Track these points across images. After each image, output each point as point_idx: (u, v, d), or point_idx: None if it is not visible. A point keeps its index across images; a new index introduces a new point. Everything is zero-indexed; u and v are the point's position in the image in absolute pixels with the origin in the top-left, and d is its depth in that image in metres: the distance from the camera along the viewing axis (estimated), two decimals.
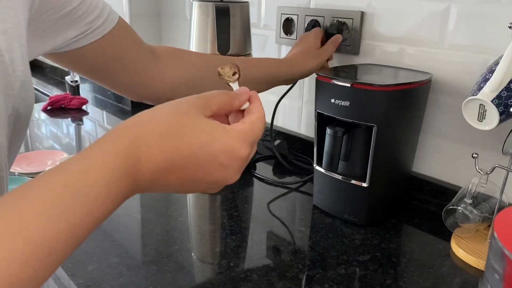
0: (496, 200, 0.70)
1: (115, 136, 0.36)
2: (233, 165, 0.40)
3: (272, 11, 1.11)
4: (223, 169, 0.40)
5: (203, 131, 0.38)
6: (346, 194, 0.80)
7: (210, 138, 0.38)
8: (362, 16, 0.92)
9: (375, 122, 0.72)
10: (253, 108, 0.44)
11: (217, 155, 0.39)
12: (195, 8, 0.97)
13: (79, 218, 0.31)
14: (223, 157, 0.39)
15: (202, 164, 0.38)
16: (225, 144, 0.39)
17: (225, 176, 0.40)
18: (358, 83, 0.72)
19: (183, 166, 0.38)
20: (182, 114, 0.39)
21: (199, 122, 0.39)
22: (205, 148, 0.38)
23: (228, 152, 0.39)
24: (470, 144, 0.80)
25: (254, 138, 0.42)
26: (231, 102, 0.43)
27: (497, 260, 0.27)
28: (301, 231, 0.78)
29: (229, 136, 0.39)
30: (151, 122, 0.37)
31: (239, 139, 0.40)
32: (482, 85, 0.64)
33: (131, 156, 0.35)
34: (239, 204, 0.87)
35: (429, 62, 0.83)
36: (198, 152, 0.38)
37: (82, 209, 0.31)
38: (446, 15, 0.79)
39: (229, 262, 0.68)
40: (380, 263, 0.68)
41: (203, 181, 0.40)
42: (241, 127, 0.41)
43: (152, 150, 0.36)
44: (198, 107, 0.40)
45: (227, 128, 0.40)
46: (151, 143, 0.36)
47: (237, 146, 0.40)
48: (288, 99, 1.11)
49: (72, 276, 0.63)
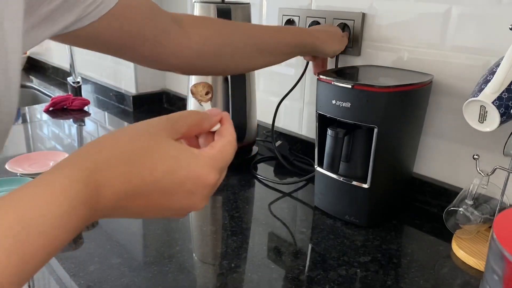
0: (497, 201, 0.70)
1: (74, 161, 0.33)
2: (200, 192, 0.38)
3: (274, 12, 1.11)
4: (190, 196, 0.38)
5: (169, 156, 0.36)
6: (347, 195, 0.80)
7: (177, 164, 0.36)
8: (363, 18, 0.92)
9: (376, 123, 0.72)
10: (224, 131, 0.43)
11: (184, 182, 0.37)
12: (197, 9, 0.98)
13: (32, 251, 0.28)
14: (190, 184, 0.37)
15: (168, 192, 0.36)
16: (193, 171, 0.37)
17: (191, 203, 0.39)
18: (359, 85, 0.72)
19: (147, 193, 0.36)
20: (147, 137, 0.37)
21: (165, 146, 0.37)
22: (171, 175, 0.36)
23: (196, 179, 0.37)
24: (471, 146, 0.80)
25: (223, 164, 0.40)
26: (201, 124, 0.41)
27: (497, 261, 0.27)
28: (302, 232, 0.78)
29: (197, 162, 0.38)
30: (113, 147, 0.35)
31: (207, 165, 0.38)
32: (483, 87, 0.64)
33: (91, 183, 0.32)
34: (240, 205, 0.87)
35: (430, 63, 0.83)
36: (163, 179, 0.36)
37: (35, 242, 0.29)
38: (447, 17, 0.79)
39: (230, 263, 0.68)
40: (381, 264, 0.68)
41: (168, 208, 0.38)
42: (210, 152, 0.39)
43: (113, 177, 0.34)
44: (165, 130, 0.38)
45: (195, 153, 0.38)
46: (112, 169, 0.34)
47: (205, 173, 0.38)
48: (289, 100, 1.11)
49: (73, 277, 0.63)
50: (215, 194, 0.91)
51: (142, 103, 1.54)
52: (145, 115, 1.48)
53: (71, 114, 1.45)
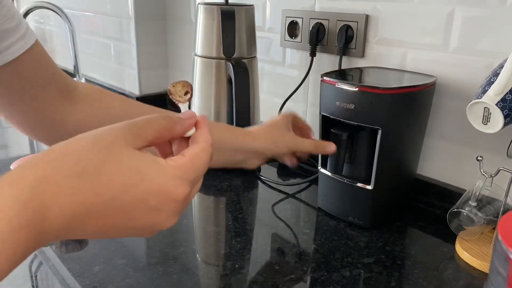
0: (501, 203, 0.70)
1: (15, 176, 0.29)
2: (167, 209, 0.33)
3: (277, 14, 1.12)
4: (155, 213, 0.33)
5: (128, 168, 0.31)
6: (350, 196, 0.80)
7: (137, 177, 0.31)
8: (366, 19, 0.92)
9: (380, 125, 0.72)
10: (198, 137, 0.38)
11: (147, 198, 0.32)
12: (201, 11, 0.98)
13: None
14: (155, 200, 0.32)
15: (128, 209, 0.32)
16: (157, 183, 0.32)
17: (158, 221, 0.33)
18: (363, 86, 0.73)
19: (104, 212, 0.31)
20: (105, 147, 0.31)
21: (125, 157, 0.32)
22: (130, 189, 0.31)
23: (161, 194, 0.32)
24: (474, 147, 0.80)
25: (195, 175, 0.35)
26: (172, 129, 0.36)
27: (501, 262, 0.27)
28: (306, 233, 0.78)
29: (163, 174, 0.33)
30: (64, 158, 0.30)
31: (175, 176, 0.33)
32: (487, 88, 0.64)
33: (33, 201, 0.28)
34: (243, 206, 0.87)
35: (433, 65, 0.83)
36: (121, 196, 0.31)
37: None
38: (451, 18, 0.79)
39: (234, 264, 0.68)
40: (384, 266, 0.68)
41: (131, 227, 0.33)
42: (180, 161, 0.34)
43: (61, 194, 0.29)
44: (126, 137, 0.33)
45: (161, 163, 0.33)
46: (61, 184, 0.29)
47: (173, 186, 0.33)
48: (293, 102, 1.11)
49: (78, 277, 0.63)
50: (219, 196, 0.91)
51: None
52: None
53: None
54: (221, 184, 0.96)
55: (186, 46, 1.47)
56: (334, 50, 0.99)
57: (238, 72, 0.95)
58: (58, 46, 2.06)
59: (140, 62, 1.51)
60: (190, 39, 1.42)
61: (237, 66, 0.95)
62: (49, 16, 2.05)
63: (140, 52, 1.50)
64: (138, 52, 1.50)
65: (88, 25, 1.75)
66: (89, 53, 1.80)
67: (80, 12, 1.78)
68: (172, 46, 1.53)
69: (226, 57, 0.98)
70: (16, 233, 0.27)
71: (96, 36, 1.73)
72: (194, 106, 1.04)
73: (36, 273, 0.71)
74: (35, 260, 0.72)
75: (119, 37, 1.57)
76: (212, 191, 0.93)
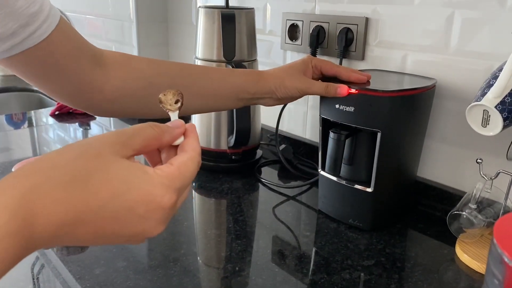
0: (500, 205, 0.70)
1: (5, 184, 0.29)
2: (154, 217, 0.34)
3: (277, 17, 1.12)
4: (142, 221, 0.34)
5: (116, 177, 0.32)
6: (351, 199, 0.80)
7: (125, 186, 0.32)
8: (366, 22, 0.92)
9: (379, 128, 0.72)
10: (186, 145, 0.38)
11: (134, 207, 0.33)
12: (202, 14, 0.99)
13: None
14: (142, 208, 0.33)
15: (116, 218, 0.32)
16: (144, 192, 0.33)
17: (145, 229, 0.34)
18: (362, 89, 0.73)
19: (93, 220, 0.32)
20: (92, 156, 0.32)
21: (112, 165, 0.33)
22: (119, 198, 0.32)
23: (148, 202, 0.33)
24: (474, 150, 0.80)
25: (182, 183, 0.36)
26: (160, 137, 0.37)
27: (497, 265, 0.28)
28: (306, 235, 0.79)
29: (149, 182, 0.33)
30: (52, 168, 0.31)
31: (162, 185, 0.34)
32: (486, 91, 0.65)
33: (22, 209, 0.29)
34: (244, 208, 0.87)
35: (433, 67, 0.84)
36: (109, 204, 0.32)
37: None
38: (450, 21, 0.80)
39: (234, 266, 0.68)
40: (384, 268, 0.69)
41: (120, 235, 0.34)
42: (167, 170, 0.35)
43: (50, 202, 0.30)
44: (114, 147, 0.34)
45: (149, 172, 0.34)
46: (50, 193, 0.30)
47: (159, 195, 0.33)
48: (293, 104, 1.12)
49: (79, 280, 0.64)
50: (219, 198, 0.91)
51: None
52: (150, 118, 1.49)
53: (77, 118, 1.46)
54: (221, 186, 0.96)
55: (187, 49, 1.47)
56: (334, 53, 0.99)
57: None
58: None
59: None
60: (191, 42, 1.43)
61: None
62: None
63: (142, 55, 1.51)
64: (140, 55, 1.50)
65: (90, 28, 1.76)
66: None
67: (82, 15, 1.79)
68: (173, 49, 1.54)
69: (226, 60, 0.98)
70: (5, 241, 0.28)
71: (98, 39, 1.73)
72: None
73: (38, 275, 0.71)
74: (37, 263, 0.73)
75: (121, 40, 1.58)
76: (213, 193, 0.93)
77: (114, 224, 0.33)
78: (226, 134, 1.01)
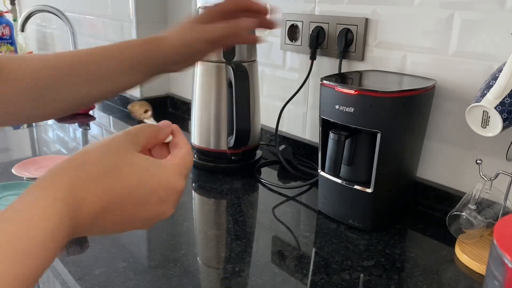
0: (500, 206, 0.70)
1: (51, 181, 0.34)
2: (171, 199, 0.41)
3: (277, 17, 1.12)
4: (161, 203, 0.40)
5: (140, 168, 0.39)
6: (350, 199, 0.80)
7: (148, 175, 0.39)
8: (366, 23, 0.92)
9: (379, 128, 0.73)
10: (180, 142, 0.45)
11: (156, 191, 0.39)
12: None
13: (21, 277, 0.29)
14: (162, 192, 0.39)
15: (141, 202, 0.38)
16: (164, 179, 0.40)
17: (163, 211, 0.41)
18: (362, 90, 0.73)
19: (122, 205, 0.37)
20: (114, 153, 0.38)
21: (134, 159, 0.39)
22: (144, 184, 0.38)
23: (167, 187, 0.40)
24: (474, 150, 0.80)
25: (187, 171, 0.43)
26: (157, 135, 0.44)
27: (497, 267, 0.28)
28: (306, 236, 0.79)
29: (167, 171, 0.40)
30: (85, 165, 0.37)
31: (175, 173, 0.41)
32: (486, 92, 0.65)
33: (70, 200, 0.33)
34: (244, 209, 0.88)
35: (433, 68, 0.84)
36: (137, 190, 0.38)
37: (26, 267, 0.29)
38: (450, 22, 0.80)
39: (234, 267, 0.68)
40: (384, 269, 0.69)
41: (142, 218, 0.40)
42: (176, 161, 0.42)
43: (90, 192, 0.35)
44: (127, 144, 0.40)
45: (163, 163, 0.41)
46: (88, 184, 0.35)
47: (175, 180, 0.40)
48: (293, 105, 1.12)
49: (79, 280, 0.64)
50: (219, 198, 0.91)
51: None
52: None
53: (76, 118, 1.46)
54: (221, 187, 0.96)
55: None
56: (334, 53, 0.99)
57: (238, 76, 0.95)
58: (59, 49, 2.07)
59: None
60: None
61: (237, 69, 0.96)
62: (51, 19, 2.06)
63: None
64: None
65: (90, 28, 1.76)
66: None
67: (81, 16, 1.79)
68: None
69: (226, 60, 0.98)
70: (58, 230, 0.32)
71: (97, 39, 1.73)
72: (194, 110, 1.05)
73: None
74: None
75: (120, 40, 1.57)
76: (213, 194, 0.93)
77: (139, 207, 0.39)
78: (226, 135, 1.01)
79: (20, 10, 2.42)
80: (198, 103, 1.03)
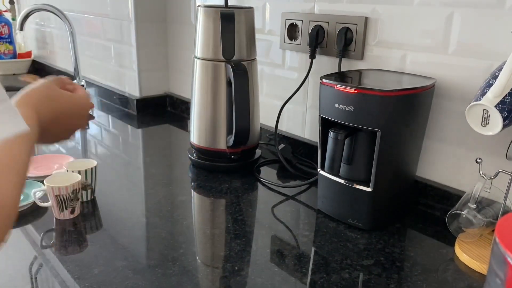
0: (500, 205, 0.70)
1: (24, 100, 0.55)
2: (85, 114, 0.65)
3: (277, 16, 1.12)
4: (81, 118, 0.65)
5: (65, 96, 0.62)
6: (350, 198, 0.80)
7: (73, 100, 0.63)
8: (366, 22, 0.92)
9: (379, 127, 0.72)
10: (77, 88, 0.67)
11: (80, 109, 0.64)
12: (201, 13, 0.98)
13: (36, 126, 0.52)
14: (83, 110, 0.65)
15: (71, 116, 0.62)
16: (82, 101, 0.64)
17: (82, 123, 0.66)
18: (362, 88, 0.73)
19: (60, 119, 0.60)
20: (51, 89, 0.60)
21: (61, 92, 0.62)
22: (72, 106, 0.62)
23: (85, 107, 0.65)
24: (474, 149, 0.80)
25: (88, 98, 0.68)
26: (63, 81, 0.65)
27: (499, 265, 0.27)
28: (305, 235, 0.78)
29: (81, 97, 0.65)
30: (39, 95, 0.58)
31: (83, 98, 0.65)
32: (486, 91, 0.65)
33: (35, 112, 0.54)
34: (243, 208, 0.87)
35: (432, 67, 0.84)
36: (67, 109, 0.61)
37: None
38: (450, 21, 0.79)
39: (233, 266, 0.68)
40: (384, 268, 0.68)
41: (71, 128, 0.64)
42: (81, 93, 0.65)
43: (44, 109, 0.56)
44: (53, 84, 0.61)
45: (74, 94, 0.64)
46: (44, 105, 0.57)
47: (88, 104, 0.66)
48: (293, 104, 1.12)
49: (78, 280, 0.63)
50: (218, 197, 0.91)
51: (146, 107, 1.55)
52: (149, 118, 1.49)
53: None
54: (220, 186, 0.96)
55: (186, 48, 1.47)
56: (334, 52, 0.99)
57: (237, 74, 0.95)
58: (58, 48, 2.07)
59: (140, 64, 1.51)
60: (190, 42, 1.42)
61: (237, 68, 0.95)
62: (50, 18, 2.05)
63: (140, 54, 1.50)
64: (138, 54, 1.50)
65: (89, 27, 1.76)
66: (90, 55, 1.80)
67: (80, 15, 1.78)
68: (172, 48, 1.53)
69: (225, 59, 0.98)
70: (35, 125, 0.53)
71: (96, 38, 1.73)
72: (193, 109, 1.04)
73: (36, 275, 0.71)
74: (35, 262, 0.72)
75: (120, 39, 1.57)
76: (212, 193, 0.93)
77: (70, 120, 0.63)
78: (225, 134, 1.01)
79: (19, 9, 2.42)
80: (197, 102, 1.03)
